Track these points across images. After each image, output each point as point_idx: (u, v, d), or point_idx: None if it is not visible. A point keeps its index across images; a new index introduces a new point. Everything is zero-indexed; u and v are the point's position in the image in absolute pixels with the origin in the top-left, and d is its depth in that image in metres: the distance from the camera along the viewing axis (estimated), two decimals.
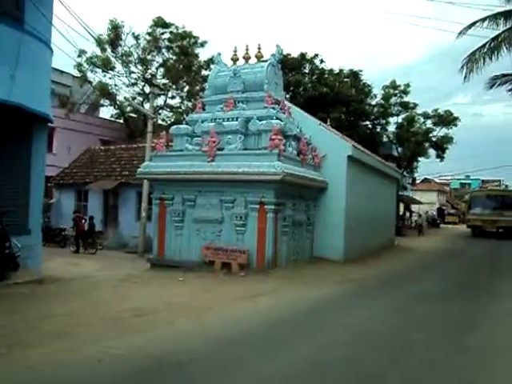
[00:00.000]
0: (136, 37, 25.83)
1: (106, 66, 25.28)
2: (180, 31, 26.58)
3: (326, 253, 14.66)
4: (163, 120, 28.91)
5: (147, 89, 24.45)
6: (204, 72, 27.10)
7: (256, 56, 14.46)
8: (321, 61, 29.44)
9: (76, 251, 16.96)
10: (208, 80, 15.60)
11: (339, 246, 14.72)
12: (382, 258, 16.71)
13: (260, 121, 12.90)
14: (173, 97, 28.66)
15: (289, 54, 28.08)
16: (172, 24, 26.42)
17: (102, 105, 28.73)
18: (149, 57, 26.66)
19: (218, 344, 5.94)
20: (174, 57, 27.01)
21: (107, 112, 30.49)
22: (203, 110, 14.49)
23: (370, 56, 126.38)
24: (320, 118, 19.40)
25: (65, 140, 25.47)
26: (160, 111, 28.69)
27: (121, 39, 25.47)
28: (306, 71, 29.81)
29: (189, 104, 27.40)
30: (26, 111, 9.14)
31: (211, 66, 19.98)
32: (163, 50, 26.87)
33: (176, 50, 26.75)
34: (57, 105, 24.40)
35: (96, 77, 25.82)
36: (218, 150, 12.79)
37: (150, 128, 17.40)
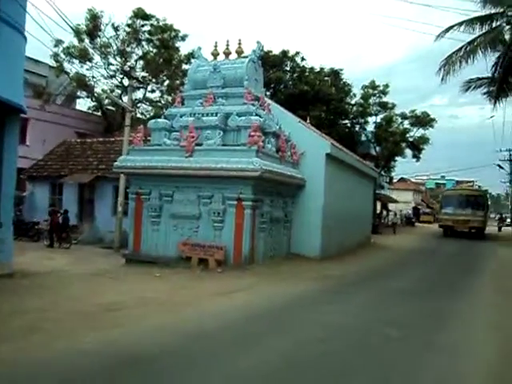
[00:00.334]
0: (115, 28, 25.35)
1: (84, 57, 24.73)
2: (161, 24, 26.21)
3: (303, 250, 14.77)
4: (142, 114, 28.53)
5: (126, 81, 24.06)
6: (184, 66, 26.79)
7: (236, 51, 14.40)
8: (302, 59, 29.59)
9: (50, 245, 16.59)
10: (188, 74, 15.45)
11: (316, 243, 14.84)
12: (359, 256, 16.94)
13: (239, 117, 12.87)
14: (152, 90, 28.31)
15: (270, 51, 28.08)
16: (153, 16, 26.04)
17: (79, 96, 28.16)
18: (128, 49, 26.20)
19: (193, 339, 5.92)
20: (154, 50, 26.63)
21: (84, 104, 29.91)
22: (182, 105, 14.37)
23: (352, 56, 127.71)
24: (300, 116, 19.49)
25: (39, 132, 24.83)
26: (139, 105, 28.28)
27: (99, 30, 24.94)
28: (287, 69, 29.88)
29: (169, 98, 27.08)
30: None
31: (192, 61, 19.78)
32: (143, 43, 26.45)
33: (156, 43, 26.37)
34: (31, 95, 23.74)
35: (73, 68, 25.23)
36: (197, 145, 12.70)
37: (128, 121, 17.13)
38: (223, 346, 5.68)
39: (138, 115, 27.11)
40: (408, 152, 36.37)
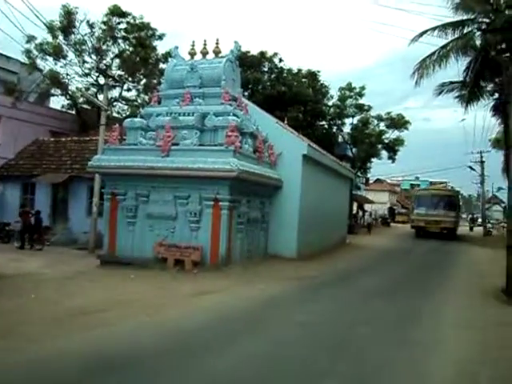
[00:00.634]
0: (91, 25, 24.81)
1: (58, 54, 24.11)
2: (137, 22, 25.82)
3: (280, 250, 14.83)
4: (118, 113, 28.05)
5: (102, 80, 23.62)
6: (162, 65, 26.47)
7: (214, 51, 14.34)
8: (280, 60, 29.72)
9: (21, 247, 16.14)
10: (165, 73, 15.30)
11: (293, 244, 14.93)
12: (335, 256, 17.12)
13: (216, 117, 12.83)
14: (129, 89, 27.85)
15: (248, 52, 28.08)
16: (129, 14, 25.61)
17: (53, 94, 27.43)
18: (104, 47, 25.68)
19: (169, 341, 5.89)
20: (131, 48, 26.19)
21: (58, 102, 29.20)
22: (159, 104, 14.23)
23: (328, 58, 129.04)
24: (278, 117, 19.56)
25: (11, 130, 24.06)
26: (115, 103, 27.79)
27: (74, 26, 24.35)
28: (265, 69, 29.96)
29: (145, 97, 26.69)
30: None
31: (169, 60, 19.58)
32: (119, 41, 25.98)
33: (133, 42, 25.94)
34: (2, 92, 22.98)
35: (46, 65, 24.62)
36: (173, 145, 12.60)
37: (104, 120, 16.84)
38: (199, 347, 5.66)
39: (114, 114, 26.65)
40: (384, 153, 37.08)
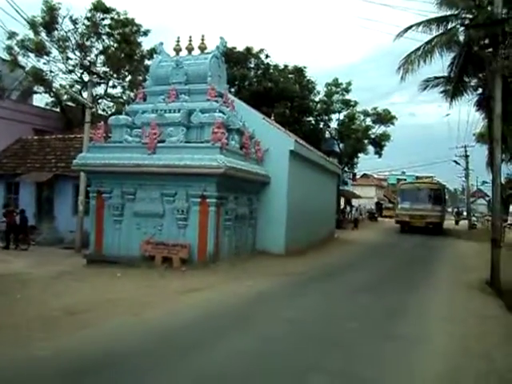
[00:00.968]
0: (74, 21, 24.39)
1: (40, 51, 23.68)
2: (122, 18, 25.50)
3: (268, 246, 14.85)
4: (103, 110, 27.71)
5: (86, 77, 23.30)
6: (147, 62, 26.19)
7: (199, 47, 14.24)
8: (266, 56, 29.60)
9: (6, 247, 15.90)
10: (150, 70, 15.17)
11: (281, 240, 14.96)
12: (323, 251, 17.20)
13: (203, 113, 12.76)
14: (114, 86, 27.49)
15: (234, 48, 27.94)
16: (113, 9, 25.26)
17: (36, 92, 26.99)
18: (88, 43, 25.30)
19: (157, 339, 5.86)
20: (115, 44, 25.87)
21: (41, 100, 28.73)
22: (144, 101, 14.11)
23: (314, 54, 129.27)
24: (264, 113, 19.54)
25: None
26: (100, 101, 27.42)
27: (57, 22, 23.93)
28: (252, 66, 29.84)
29: (131, 94, 26.41)
30: None
31: (154, 56, 19.38)
32: (103, 37, 25.62)
33: (117, 38, 25.63)
34: None
35: (29, 61, 24.18)
36: (159, 142, 12.50)
37: (88, 118, 16.64)
38: (187, 345, 5.64)
39: (99, 111, 26.32)
40: (370, 149, 37.31)
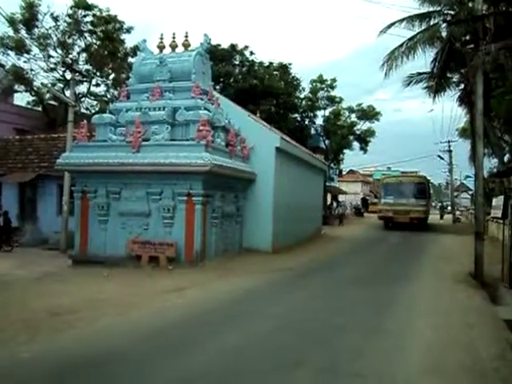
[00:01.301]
0: (55, 18, 24.01)
1: (20, 49, 23.29)
2: (104, 15, 25.18)
3: (255, 244, 14.86)
4: (87, 109, 27.37)
5: (68, 75, 22.94)
6: (131, 59, 25.92)
7: (183, 44, 14.14)
8: (251, 53, 29.54)
9: None
10: (133, 67, 15.00)
11: (268, 237, 14.98)
12: (309, 247, 17.28)
13: (187, 111, 12.70)
14: (97, 84, 27.20)
15: (219, 45, 27.83)
16: (95, 6, 24.93)
17: (17, 91, 26.51)
18: (69, 40, 24.93)
19: (144, 339, 5.82)
20: (98, 42, 25.55)
21: (23, 99, 28.23)
22: (128, 99, 13.96)
23: (299, 51, 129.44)
24: (250, 110, 19.52)
25: None
26: (83, 99, 27.10)
27: (37, 20, 23.53)
28: (237, 63, 29.75)
29: (114, 92, 26.14)
30: None
31: (138, 53, 19.20)
32: (86, 34, 25.28)
33: (100, 35, 25.31)
34: None
35: (9, 60, 23.75)
36: (144, 141, 12.40)
37: (71, 117, 16.40)
38: (175, 344, 5.62)
39: (83, 110, 25.99)
40: (356, 145, 37.61)
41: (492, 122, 15.14)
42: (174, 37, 14.21)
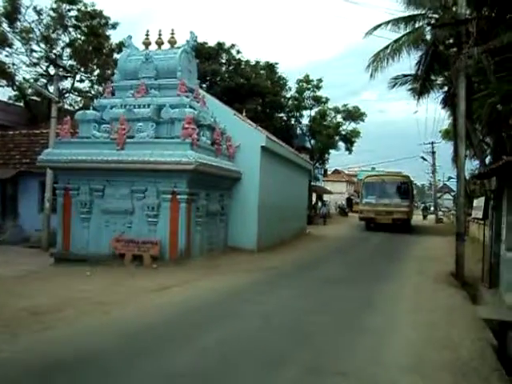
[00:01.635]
0: (38, 12, 23.58)
1: (2, 43, 22.81)
2: (89, 10, 24.82)
3: (240, 242, 14.85)
4: (71, 105, 26.95)
5: (52, 70, 22.55)
6: (116, 56, 25.61)
7: (169, 42, 14.02)
8: (237, 51, 29.52)
9: None
10: (118, 64, 14.83)
11: (253, 236, 14.98)
12: (294, 246, 17.34)
13: (173, 109, 12.60)
14: (81, 80, 26.79)
15: (205, 43, 27.73)
16: (80, 1, 24.55)
17: None
18: (53, 35, 24.50)
19: (128, 338, 5.76)
20: (83, 37, 25.18)
21: (4, 94, 27.71)
22: (113, 96, 13.79)
23: (286, 51, 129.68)
24: (236, 109, 19.47)
25: None
26: (67, 95, 26.68)
27: (20, 13, 23.08)
28: (223, 61, 29.68)
29: (99, 88, 25.80)
30: None
31: (123, 50, 18.98)
32: (70, 29, 24.88)
33: (85, 30, 24.94)
34: None
35: None
36: (129, 138, 12.28)
37: (54, 113, 16.15)
38: (159, 344, 5.57)
39: (67, 106, 25.58)
40: (341, 145, 37.84)
41: (474, 125, 15.37)
42: (160, 34, 14.09)
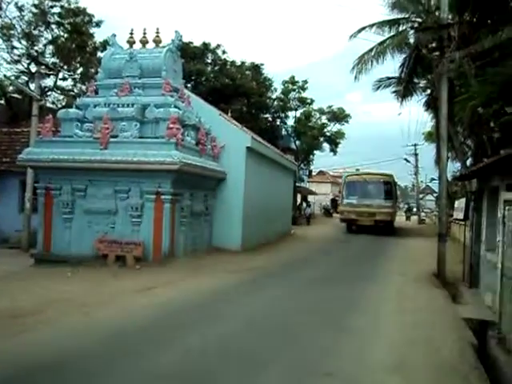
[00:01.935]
0: (19, 7, 23.13)
1: None
2: (72, 7, 24.46)
3: (225, 243, 14.81)
4: (53, 103, 26.51)
5: (34, 67, 22.17)
6: (100, 54, 25.30)
7: (154, 41, 13.92)
8: (223, 51, 29.45)
9: None
10: (102, 62, 14.65)
11: (237, 236, 14.96)
12: (279, 247, 17.37)
13: (157, 108, 12.50)
14: (64, 78, 26.37)
15: (191, 43, 27.59)
16: None
17: None
18: (35, 32, 24.09)
19: (110, 340, 5.69)
20: (66, 35, 24.80)
21: None
22: (96, 94, 13.61)
23: (272, 52, 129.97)
24: (221, 109, 19.43)
25: None
26: (49, 93, 26.25)
27: (0, 9, 22.67)
28: (209, 61, 29.58)
29: (83, 87, 25.43)
30: None
31: (107, 48, 18.75)
32: (53, 26, 24.47)
33: (68, 28, 24.57)
34: None
35: None
36: (112, 138, 12.13)
37: (36, 111, 15.86)
38: (141, 345, 5.51)
39: (49, 104, 25.16)
40: (326, 146, 38.09)
41: (456, 127, 15.62)
42: (145, 32, 13.99)
